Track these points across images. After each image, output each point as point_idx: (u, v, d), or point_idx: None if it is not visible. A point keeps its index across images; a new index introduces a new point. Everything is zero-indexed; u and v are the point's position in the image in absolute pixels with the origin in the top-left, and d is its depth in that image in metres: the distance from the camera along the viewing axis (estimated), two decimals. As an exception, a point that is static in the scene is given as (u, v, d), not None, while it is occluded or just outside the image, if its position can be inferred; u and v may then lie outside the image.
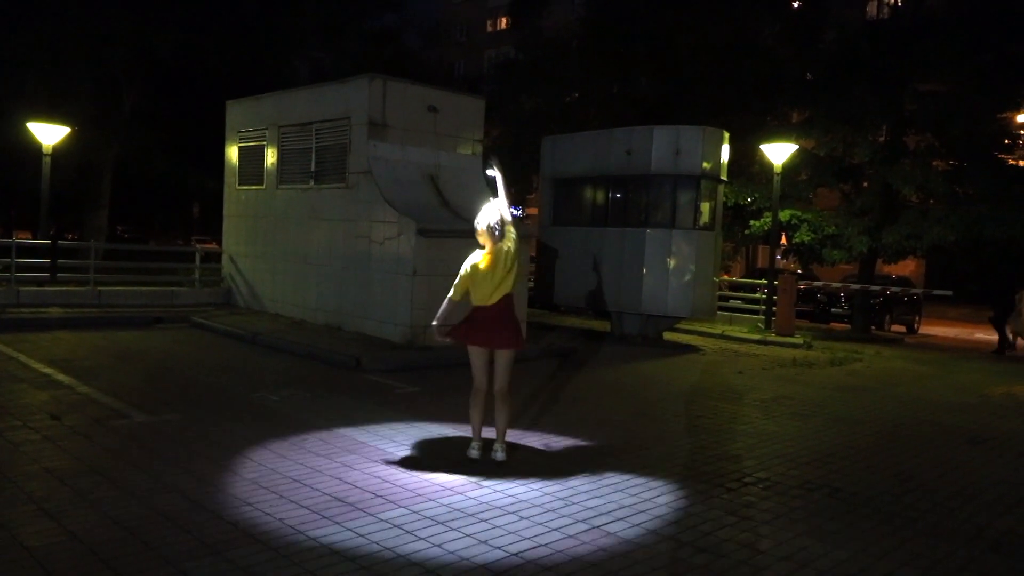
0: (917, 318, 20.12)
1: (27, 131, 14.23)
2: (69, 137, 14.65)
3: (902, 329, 19.21)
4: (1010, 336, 14.95)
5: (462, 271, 5.26)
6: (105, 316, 11.91)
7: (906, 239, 15.97)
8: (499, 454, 5.35)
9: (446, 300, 5.35)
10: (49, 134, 13.79)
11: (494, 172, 5.46)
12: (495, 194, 5.40)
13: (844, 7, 19.22)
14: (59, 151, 14.60)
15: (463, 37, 49.62)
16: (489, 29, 50.50)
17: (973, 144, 15.83)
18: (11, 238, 13.08)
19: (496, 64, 30.16)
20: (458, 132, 11.82)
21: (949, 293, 16.35)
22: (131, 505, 4.22)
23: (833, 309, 19.01)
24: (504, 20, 44.12)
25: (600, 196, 13.61)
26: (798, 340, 13.90)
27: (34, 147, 14.56)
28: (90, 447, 5.31)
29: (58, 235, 22.48)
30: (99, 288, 13.07)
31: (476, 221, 5.28)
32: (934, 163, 16.41)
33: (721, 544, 4.14)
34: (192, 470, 4.89)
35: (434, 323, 5.36)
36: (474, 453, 5.38)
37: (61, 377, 7.54)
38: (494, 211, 5.24)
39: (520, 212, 32.18)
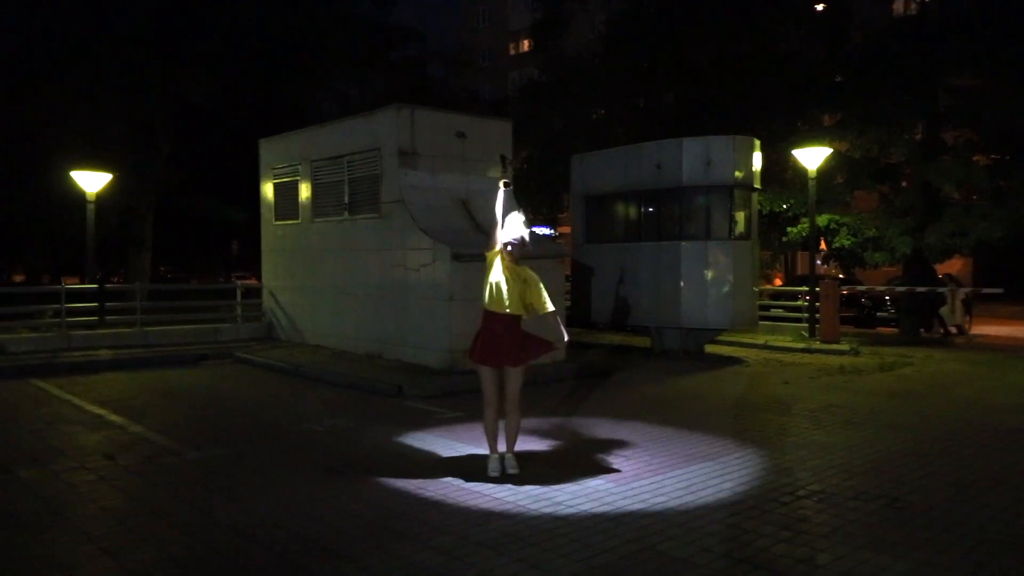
0: (968, 318, 19.52)
1: (71, 180, 14.75)
2: (111, 183, 15.11)
3: (952, 330, 18.65)
4: (949, 327, 15.98)
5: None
6: (153, 356, 12.19)
7: (950, 237, 15.60)
8: (512, 467, 5.52)
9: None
10: (92, 182, 14.27)
11: (505, 187, 5.57)
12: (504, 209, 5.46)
13: (869, 7, 18.98)
14: (102, 197, 15.08)
15: (486, 61, 50.10)
16: (512, 52, 50.98)
17: (1012, 138, 15.45)
18: (60, 284, 13.47)
19: (520, 86, 30.40)
20: (487, 156, 11.91)
21: (1000, 291, 15.88)
22: (187, 542, 4.29)
23: (879, 313, 18.55)
24: (526, 43, 44.51)
25: (632, 211, 13.56)
26: (844, 347, 13.60)
27: (78, 195, 15.06)
28: (144, 485, 5.41)
29: (104, 279, 23.06)
30: (146, 329, 13.42)
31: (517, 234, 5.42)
32: (975, 158, 16.03)
33: (777, 560, 4.04)
34: (243, 505, 4.95)
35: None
36: (495, 471, 5.49)
37: (113, 417, 7.72)
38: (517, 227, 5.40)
39: (552, 231, 32.23)
